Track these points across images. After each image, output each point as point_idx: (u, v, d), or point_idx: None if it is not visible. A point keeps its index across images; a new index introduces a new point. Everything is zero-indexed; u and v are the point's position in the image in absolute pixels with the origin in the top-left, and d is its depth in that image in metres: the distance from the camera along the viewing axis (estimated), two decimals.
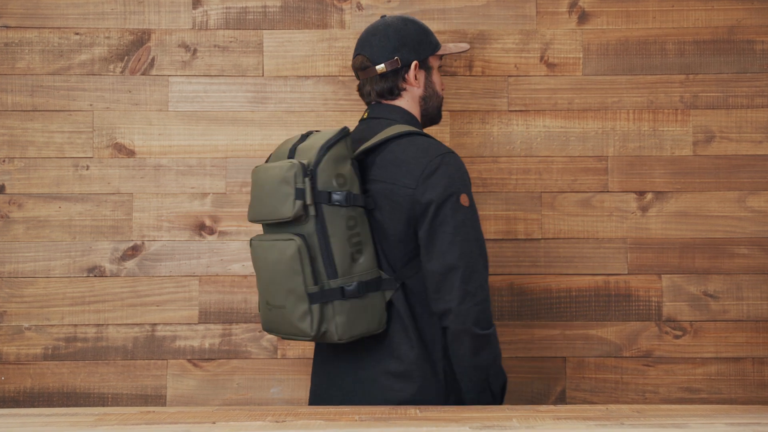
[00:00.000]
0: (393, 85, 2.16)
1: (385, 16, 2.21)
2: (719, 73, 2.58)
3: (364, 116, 2.18)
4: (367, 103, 2.21)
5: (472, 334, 2.00)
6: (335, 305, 1.96)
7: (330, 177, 1.97)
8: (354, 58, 2.20)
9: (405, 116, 2.16)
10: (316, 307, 1.95)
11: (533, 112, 2.58)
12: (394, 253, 2.05)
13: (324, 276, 1.95)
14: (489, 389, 2.10)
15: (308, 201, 1.94)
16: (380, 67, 2.14)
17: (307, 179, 1.95)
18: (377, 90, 2.16)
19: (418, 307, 2.07)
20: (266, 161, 2.12)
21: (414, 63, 2.17)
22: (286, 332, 2.02)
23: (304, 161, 1.96)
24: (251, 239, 2.06)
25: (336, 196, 1.96)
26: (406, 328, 2.06)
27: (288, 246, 1.94)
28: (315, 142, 2.00)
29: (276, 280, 1.98)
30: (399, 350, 2.05)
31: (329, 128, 2.33)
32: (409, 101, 2.18)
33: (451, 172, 2.02)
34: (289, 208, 1.94)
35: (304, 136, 2.06)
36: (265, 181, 2.00)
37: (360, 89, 2.21)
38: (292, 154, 2.02)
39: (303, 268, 1.94)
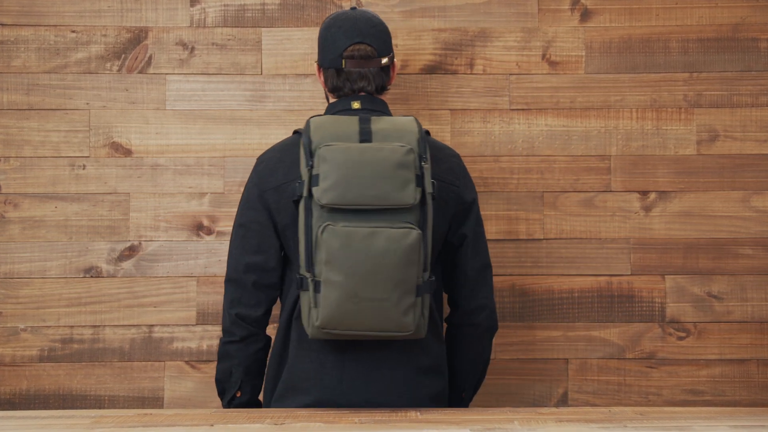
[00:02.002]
0: (387, 79, 2.15)
1: (355, 8, 2.17)
2: (723, 72, 2.56)
3: (356, 106, 2.08)
4: (343, 95, 2.10)
5: (495, 331, 2.16)
6: (425, 298, 1.93)
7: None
8: (352, 45, 2.08)
9: (389, 113, 2.14)
10: (419, 300, 1.90)
11: (535, 110, 2.56)
12: (434, 249, 2.06)
13: (422, 268, 1.91)
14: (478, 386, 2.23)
15: (429, 189, 1.92)
16: (385, 61, 2.11)
17: (425, 165, 1.92)
18: (376, 83, 2.10)
19: (436, 303, 2.11)
20: (314, 141, 1.94)
21: (395, 61, 2.20)
22: (377, 328, 1.89)
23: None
24: (327, 224, 1.87)
25: (435, 187, 1.96)
26: (435, 322, 2.07)
27: (405, 235, 1.86)
28: (399, 127, 1.96)
29: (382, 271, 1.86)
30: (426, 344, 2.05)
31: (393, 114, 2.13)
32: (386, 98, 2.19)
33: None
34: (410, 195, 1.88)
35: (365, 120, 1.98)
36: (370, 163, 1.89)
37: (347, 78, 2.08)
38: (368, 136, 1.95)
39: (419, 258, 1.88)
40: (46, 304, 2.52)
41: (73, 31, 2.56)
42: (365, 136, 1.94)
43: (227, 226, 2.53)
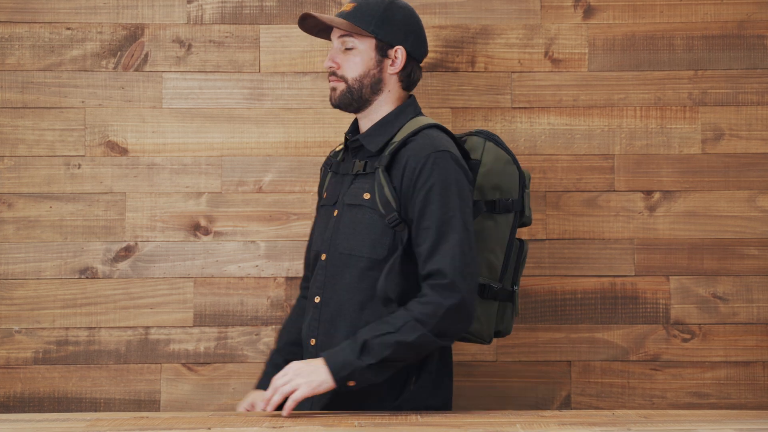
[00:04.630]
0: None
1: None
2: (728, 69, 2.54)
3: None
4: (410, 92, 2.14)
5: None
6: None
7: None
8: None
9: None
10: None
11: (537, 109, 2.54)
12: None
13: None
14: None
15: None
16: None
17: None
18: None
19: None
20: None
21: None
22: None
23: None
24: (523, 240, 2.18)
25: None
26: None
27: None
28: None
29: None
30: None
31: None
32: None
33: None
34: None
35: None
36: None
37: (419, 76, 2.14)
38: None
39: None
40: (40, 305, 2.49)
41: (68, 28, 2.53)
42: None
43: (225, 226, 2.51)
